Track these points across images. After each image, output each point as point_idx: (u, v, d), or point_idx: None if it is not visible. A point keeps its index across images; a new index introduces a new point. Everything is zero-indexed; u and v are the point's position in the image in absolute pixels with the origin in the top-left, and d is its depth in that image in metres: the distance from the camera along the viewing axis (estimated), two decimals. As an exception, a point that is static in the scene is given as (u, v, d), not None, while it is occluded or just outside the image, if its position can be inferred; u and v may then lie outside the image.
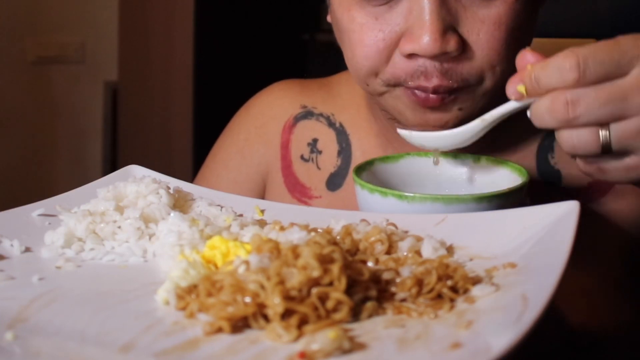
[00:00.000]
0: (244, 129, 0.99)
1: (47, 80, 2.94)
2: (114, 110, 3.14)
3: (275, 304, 0.45)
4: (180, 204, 0.67)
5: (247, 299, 0.46)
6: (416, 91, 0.73)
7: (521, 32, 0.73)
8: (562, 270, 0.46)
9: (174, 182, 0.71)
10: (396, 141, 0.86)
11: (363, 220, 0.61)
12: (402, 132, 0.71)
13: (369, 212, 0.66)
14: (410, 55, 0.71)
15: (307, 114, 0.95)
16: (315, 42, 3.22)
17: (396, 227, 0.60)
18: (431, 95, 0.72)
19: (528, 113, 0.60)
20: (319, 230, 0.59)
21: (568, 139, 0.57)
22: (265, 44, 2.96)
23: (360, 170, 0.71)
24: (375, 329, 0.45)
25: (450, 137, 0.67)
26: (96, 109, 3.12)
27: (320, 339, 0.42)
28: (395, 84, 0.74)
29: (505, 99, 0.65)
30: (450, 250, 0.58)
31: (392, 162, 0.75)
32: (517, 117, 0.85)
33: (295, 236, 0.55)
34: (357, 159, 0.90)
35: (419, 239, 0.58)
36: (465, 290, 0.50)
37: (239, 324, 0.46)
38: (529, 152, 0.84)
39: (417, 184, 0.74)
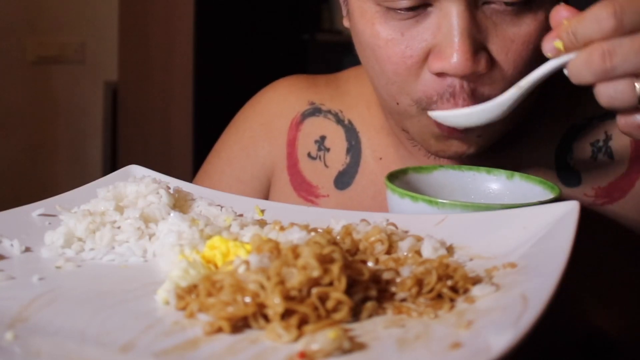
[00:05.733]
0: (249, 126, 0.96)
1: (47, 80, 2.94)
2: (114, 110, 3.14)
3: (275, 304, 0.45)
4: (180, 204, 0.67)
5: (247, 299, 0.46)
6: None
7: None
8: (562, 270, 0.46)
9: (174, 182, 0.71)
10: (409, 142, 0.84)
11: (363, 220, 0.61)
12: (433, 114, 0.69)
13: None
14: (440, 74, 0.69)
15: (314, 111, 0.92)
16: (315, 42, 3.22)
17: (396, 227, 0.60)
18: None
19: (565, 71, 0.59)
20: (319, 230, 0.59)
21: (605, 92, 0.56)
22: (265, 44, 2.97)
23: (393, 177, 0.70)
24: (375, 329, 0.45)
25: (486, 112, 0.66)
26: (96, 109, 3.12)
27: (320, 339, 0.42)
28: (425, 106, 0.72)
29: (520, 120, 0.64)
30: (450, 250, 0.58)
31: (425, 172, 0.74)
32: (534, 118, 0.83)
33: (295, 236, 0.55)
34: (367, 157, 0.88)
35: (419, 239, 0.58)
36: (465, 290, 0.50)
37: (239, 324, 0.46)
38: (547, 154, 0.83)
39: (449, 197, 0.73)
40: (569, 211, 0.55)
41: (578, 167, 0.82)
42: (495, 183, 0.74)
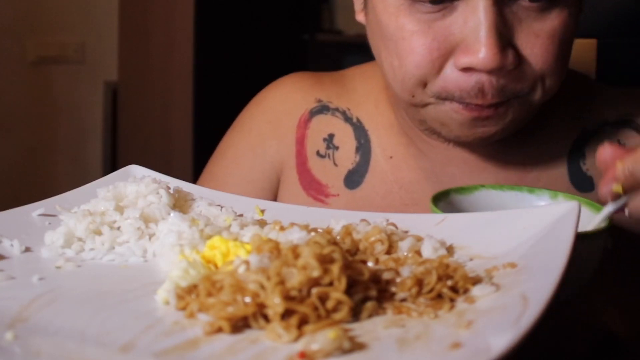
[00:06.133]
0: (256, 125, 0.94)
1: (47, 80, 2.94)
2: (114, 110, 3.14)
3: (275, 304, 0.45)
4: (180, 204, 0.67)
5: (247, 299, 0.46)
6: (469, 105, 0.70)
7: (569, 44, 0.72)
8: (562, 270, 0.46)
9: (174, 182, 0.71)
10: (419, 140, 0.83)
11: (363, 220, 0.61)
12: None
13: None
14: (466, 69, 0.69)
15: (322, 108, 0.91)
16: (315, 42, 3.22)
17: (396, 227, 0.60)
18: (485, 109, 0.70)
19: (626, 212, 0.58)
20: (319, 230, 0.59)
21: None
22: (265, 44, 2.97)
23: (437, 200, 0.69)
24: (375, 329, 0.45)
25: None
26: (96, 109, 3.12)
27: (320, 339, 0.42)
28: (445, 98, 0.71)
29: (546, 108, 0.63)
30: (450, 250, 0.58)
31: (467, 193, 0.72)
32: (544, 118, 0.82)
33: (295, 236, 0.55)
34: (377, 156, 0.87)
35: (419, 239, 0.58)
36: (465, 290, 0.50)
37: (239, 324, 0.46)
38: (559, 159, 0.83)
39: None
40: (569, 211, 0.55)
41: (591, 172, 0.82)
42: (538, 202, 0.71)
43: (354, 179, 0.87)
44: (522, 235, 0.56)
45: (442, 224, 0.61)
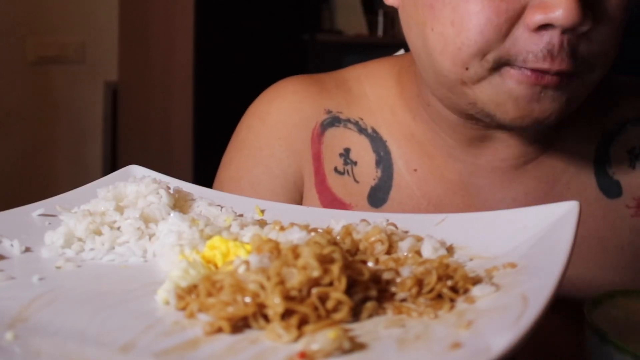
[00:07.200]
0: (265, 143, 0.85)
1: (47, 80, 2.94)
2: (114, 110, 3.15)
3: (275, 304, 0.45)
4: (180, 204, 0.67)
5: (247, 299, 0.46)
6: (529, 72, 0.64)
7: (625, 21, 0.67)
8: (562, 270, 0.46)
9: (174, 182, 0.71)
10: (445, 149, 0.79)
11: (363, 220, 0.61)
12: None
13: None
14: (539, 29, 0.62)
15: (333, 120, 0.83)
16: (315, 42, 3.22)
17: (396, 227, 0.60)
18: (547, 76, 0.64)
19: None
20: (319, 230, 0.59)
21: None
22: (265, 44, 2.97)
23: (597, 303, 0.58)
24: (375, 329, 0.45)
25: None
26: (96, 109, 3.12)
27: (320, 339, 0.42)
28: (505, 62, 0.64)
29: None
30: (450, 250, 0.58)
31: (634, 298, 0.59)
32: (569, 126, 0.77)
33: (295, 236, 0.55)
34: (400, 169, 0.81)
35: (419, 239, 0.58)
36: (465, 290, 0.50)
37: (239, 324, 0.46)
38: (586, 165, 0.80)
39: None
40: (569, 211, 0.55)
41: (618, 176, 0.80)
42: None
43: (378, 196, 0.81)
44: (522, 235, 0.56)
45: (442, 224, 0.61)
